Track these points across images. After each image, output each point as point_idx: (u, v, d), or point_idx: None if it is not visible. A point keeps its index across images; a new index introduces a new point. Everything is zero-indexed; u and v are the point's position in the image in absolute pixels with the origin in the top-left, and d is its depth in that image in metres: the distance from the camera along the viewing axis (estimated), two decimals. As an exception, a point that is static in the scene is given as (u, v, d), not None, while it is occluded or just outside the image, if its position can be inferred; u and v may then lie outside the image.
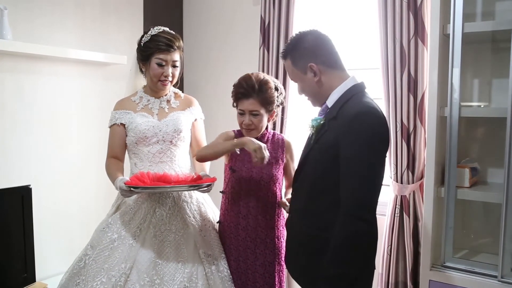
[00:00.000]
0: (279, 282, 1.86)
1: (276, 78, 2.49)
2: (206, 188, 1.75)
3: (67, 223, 2.52)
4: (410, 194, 2.27)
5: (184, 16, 3.23)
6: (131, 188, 1.67)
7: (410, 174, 2.26)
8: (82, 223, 2.56)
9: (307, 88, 1.52)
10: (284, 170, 1.90)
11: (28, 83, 2.32)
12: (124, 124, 1.88)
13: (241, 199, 1.82)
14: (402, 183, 2.27)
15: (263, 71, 2.69)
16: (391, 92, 2.27)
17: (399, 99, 2.25)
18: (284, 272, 1.88)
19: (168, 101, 1.95)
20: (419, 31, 2.18)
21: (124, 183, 1.68)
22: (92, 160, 2.59)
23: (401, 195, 2.28)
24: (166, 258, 1.76)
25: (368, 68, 2.47)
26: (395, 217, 2.29)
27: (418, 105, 2.22)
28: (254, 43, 2.82)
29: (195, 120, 1.99)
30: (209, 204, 2.00)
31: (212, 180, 1.75)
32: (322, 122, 1.49)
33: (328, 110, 1.49)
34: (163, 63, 1.83)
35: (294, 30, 2.56)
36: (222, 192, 1.91)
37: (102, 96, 2.65)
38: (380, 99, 2.29)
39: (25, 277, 2.10)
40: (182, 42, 1.90)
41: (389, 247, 2.31)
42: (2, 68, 2.21)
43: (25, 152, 2.32)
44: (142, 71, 1.94)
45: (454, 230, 2.01)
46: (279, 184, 1.86)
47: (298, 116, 2.68)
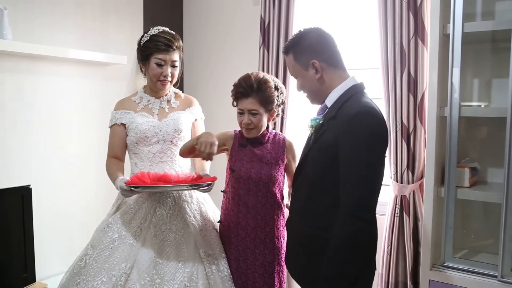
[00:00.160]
0: (279, 283, 1.86)
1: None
2: (207, 188, 1.75)
3: (67, 223, 2.52)
4: (410, 194, 2.27)
5: (184, 16, 3.23)
6: (132, 188, 1.67)
7: (410, 174, 2.26)
8: (82, 223, 2.56)
9: (307, 85, 1.52)
10: (286, 170, 1.90)
11: (28, 83, 2.32)
12: (125, 124, 1.88)
13: (240, 199, 1.82)
14: (402, 183, 2.27)
15: (263, 71, 2.68)
16: (391, 92, 2.27)
17: (399, 99, 2.25)
18: (285, 273, 1.88)
19: (169, 101, 1.96)
20: (419, 31, 2.19)
21: (125, 183, 1.69)
22: (92, 160, 2.59)
23: (401, 195, 2.28)
24: (166, 258, 1.76)
25: (368, 68, 2.48)
26: (395, 217, 2.29)
27: (418, 105, 2.22)
28: (254, 43, 2.82)
29: (195, 120, 1.99)
30: (209, 204, 2.00)
31: (213, 180, 1.75)
32: (321, 122, 1.49)
33: (327, 110, 1.49)
34: (162, 63, 1.83)
35: (294, 30, 2.56)
36: (223, 191, 1.91)
37: (102, 96, 2.65)
38: (380, 99, 2.29)
39: (25, 277, 2.10)
40: (181, 42, 1.90)
41: (389, 247, 2.31)
42: (2, 68, 2.21)
43: (25, 152, 2.32)
44: (142, 71, 1.95)
45: (454, 230, 2.01)
46: (278, 184, 1.85)
47: (298, 116, 2.67)
